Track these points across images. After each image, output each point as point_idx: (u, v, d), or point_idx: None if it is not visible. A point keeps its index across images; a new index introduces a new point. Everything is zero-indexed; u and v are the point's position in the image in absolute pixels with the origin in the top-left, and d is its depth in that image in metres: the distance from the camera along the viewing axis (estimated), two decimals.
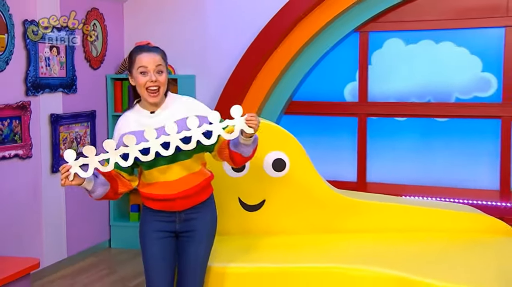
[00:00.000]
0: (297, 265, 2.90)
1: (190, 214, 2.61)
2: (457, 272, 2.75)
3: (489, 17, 4.34)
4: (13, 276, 3.40)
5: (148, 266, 2.62)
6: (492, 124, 4.43)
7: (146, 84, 2.47)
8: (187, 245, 2.64)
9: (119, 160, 2.39)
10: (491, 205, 4.31)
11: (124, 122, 2.58)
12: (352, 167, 4.83)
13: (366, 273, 2.80)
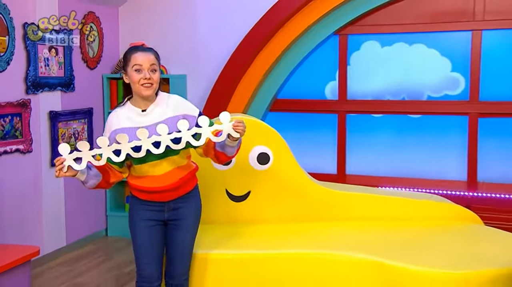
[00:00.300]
0: (278, 251, 2.91)
1: (177, 203, 2.62)
2: (427, 256, 2.78)
3: (458, 21, 4.36)
4: (14, 262, 3.43)
5: (139, 253, 2.61)
6: (460, 120, 4.46)
7: (140, 81, 2.49)
8: (175, 232, 2.65)
9: (111, 156, 2.41)
10: (459, 195, 4.35)
11: (115, 118, 2.56)
12: (333, 160, 4.84)
13: (343, 258, 2.82)
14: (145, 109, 2.55)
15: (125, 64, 2.55)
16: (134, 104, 2.57)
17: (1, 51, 3.98)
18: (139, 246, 2.61)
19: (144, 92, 2.50)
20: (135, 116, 2.54)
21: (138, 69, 2.49)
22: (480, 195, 4.36)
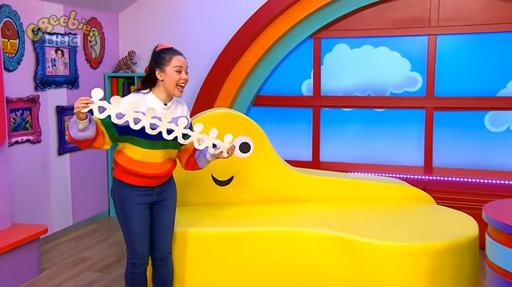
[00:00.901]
0: (254, 228, 2.90)
1: (163, 187, 2.61)
2: (386, 231, 2.78)
3: (416, 27, 4.41)
4: (25, 239, 3.49)
5: (134, 234, 2.54)
6: (418, 114, 4.51)
7: (180, 81, 2.48)
8: (161, 212, 2.63)
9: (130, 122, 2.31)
10: (417, 178, 4.40)
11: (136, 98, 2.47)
12: (308, 149, 4.86)
13: (313, 234, 2.80)
14: (167, 104, 2.53)
15: (162, 63, 2.47)
16: (158, 96, 2.51)
17: (12, 53, 3.98)
18: (132, 226, 2.54)
19: (179, 94, 2.50)
20: (159, 108, 2.47)
21: (179, 70, 2.48)
22: (435, 178, 4.42)
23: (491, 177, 4.28)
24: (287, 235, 2.84)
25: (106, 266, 3.77)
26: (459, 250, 2.65)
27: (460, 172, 4.40)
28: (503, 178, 4.25)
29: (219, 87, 4.76)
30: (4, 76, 3.86)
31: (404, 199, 3.45)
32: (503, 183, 4.20)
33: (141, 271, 2.60)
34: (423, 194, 3.49)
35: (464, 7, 4.28)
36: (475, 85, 4.35)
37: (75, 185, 4.65)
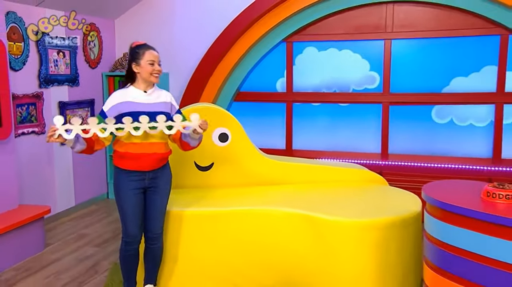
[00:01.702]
0: (234, 208, 2.89)
1: (155, 173, 2.58)
2: (343, 209, 2.80)
3: (374, 32, 4.44)
4: (31, 218, 3.51)
5: (127, 216, 2.54)
6: (376, 107, 4.56)
7: (153, 72, 2.50)
8: (153, 196, 2.60)
9: (98, 132, 2.36)
10: (374, 163, 4.45)
11: (119, 94, 2.52)
12: (282, 139, 4.89)
13: (282, 212, 2.81)
14: (146, 91, 2.54)
15: (137, 57, 2.49)
16: (137, 87, 2.54)
17: (18, 54, 3.95)
18: (127, 210, 2.54)
19: (155, 80, 2.53)
20: (140, 95, 2.52)
21: (152, 63, 2.50)
22: (390, 163, 4.47)
23: (437, 162, 4.37)
24: (260, 214, 2.84)
25: (104, 242, 3.79)
26: (404, 225, 2.70)
27: (411, 157, 4.48)
28: (446, 162, 4.34)
29: (204, 84, 4.76)
30: (11, 75, 3.83)
31: (362, 181, 3.47)
32: (446, 167, 4.29)
33: (133, 249, 2.61)
34: (378, 177, 3.51)
35: (414, 16, 4.34)
36: (424, 83, 4.41)
37: (76, 171, 4.64)
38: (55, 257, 3.50)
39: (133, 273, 2.68)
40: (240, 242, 2.87)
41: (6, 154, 3.57)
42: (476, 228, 1.98)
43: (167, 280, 2.89)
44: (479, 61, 4.24)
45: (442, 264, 2.12)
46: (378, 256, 2.65)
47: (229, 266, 2.89)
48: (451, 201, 2.08)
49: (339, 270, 2.69)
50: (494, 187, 2.09)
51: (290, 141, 4.86)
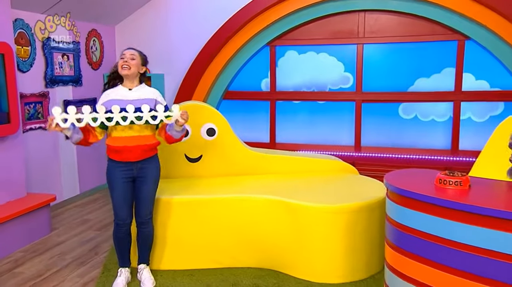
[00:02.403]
0: (219, 196, 2.88)
1: (143, 164, 2.55)
2: (317, 196, 2.81)
3: (348, 38, 4.45)
4: (38, 205, 3.49)
5: (116, 201, 2.55)
6: (350, 105, 4.57)
7: (121, 63, 2.48)
8: (141, 185, 2.58)
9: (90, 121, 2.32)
10: (348, 155, 4.48)
11: (111, 92, 2.51)
12: (266, 133, 4.89)
13: (262, 199, 2.82)
14: (131, 89, 2.53)
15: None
16: (124, 85, 2.54)
17: (25, 57, 3.90)
18: (116, 196, 2.54)
19: (122, 71, 2.48)
20: (125, 92, 2.51)
21: (122, 57, 2.51)
22: (362, 155, 4.50)
23: (403, 153, 4.40)
24: (244, 200, 2.85)
25: (104, 226, 3.78)
26: (370, 209, 2.73)
27: (381, 149, 4.51)
28: (412, 153, 4.38)
29: (196, 84, 4.74)
30: (19, 76, 3.80)
31: (336, 171, 3.50)
32: (411, 157, 4.33)
33: (124, 231, 2.60)
34: (349, 167, 3.54)
35: (383, 23, 4.35)
36: (392, 83, 4.43)
37: (80, 162, 4.61)
38: (60, 240, 3.49)
39: (126, 253, 2.68)
40: (224, 225, 2.87)
41: (15, 147, 3.55)
42: (429, 211, 2.00)
43: (158, 260, 2.90)
44: (440, 63, 4.27)
45: (400, 243, 2.14)
46: (347, 237, 2.69)
47: (214, 246, 2.90)
48: (408, 187, 2.10)
49: (313, 250, 2.73)
50: (446, 175, 2.11)
51: (274, 135, 4.87)
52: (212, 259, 2.91)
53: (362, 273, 2.77)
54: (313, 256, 2.73)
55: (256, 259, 2.91)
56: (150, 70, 5.02)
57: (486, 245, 1.82)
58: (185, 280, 2.76)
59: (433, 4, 4.04)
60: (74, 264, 3.03)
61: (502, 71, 4.10)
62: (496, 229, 1.80)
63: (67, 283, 2.77)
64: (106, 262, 3.03)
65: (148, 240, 2.70)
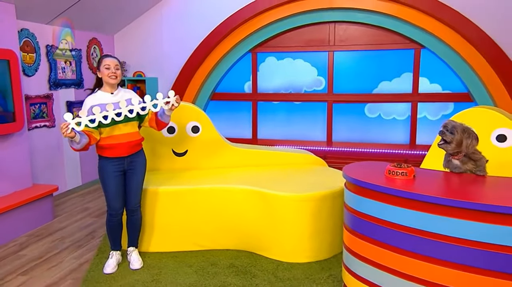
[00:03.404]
0: (202, 186, 2.86)
1: (132, 158, 2.54)
2: (287, 186, 2.79)
3: (320, 45, 4.44)
4: (41, 194, 3.46)
5: (109, 193, 2.51)
6: (322, 105, 4.57)
7: (109, 74, 2.43)
8: (131, 177, 2.56)
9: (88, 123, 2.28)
10: (321, 149, 4.48)
11: (93, 99, 2.45)
12: (249, 130, 4.88)
13: (240, 189, 2.80)
14: (113, 93, 2.48)
15: (98, 65, 2.46)
16: (104, 91, 2.48)
17: (31, 63, 3.84)
18: (110, 189, 2.50)
19: (111, 81, 2.44)
20: (107, 97, 2.45)
21: (108, 67, 2.44)
22: (333, 149, 4.51)
23: (369, 147, 4.42)
24: (223, 190, 2.84)
25: (102, 213, 3.74)
26: (333, 197, 2.73)
27: (349, 144, 4.53)
28: (376, 147, 4.40)
29: (186, 86, 4.71)
30: (25, 79, 3.74)
31: (307, 163, 3.49)
32: (376, 151, 4.35)
33: (117, 220, 2.59)
34: (319, 160, 3.53)
35: (351, 33, 4.35)
36: (359, 85, 4.44)
37: (82, 156, 4.56)
38: (62, 225, 3.45)
39: (117, 238, 2.66)
40: (205, 212, 2.86)
41: (20, 143, 3.50)
42: (379, 199, 2.01)
43: (147, 244, 2.89)
44: (399, 69, 4.29)
45: (356, 227, 2.14)
46: (313, 221, 2.70)
47: (197, 231, 2.89)
48: (362, 178, 2.10)
49: (283, 233, 2.73)
50: (394, 166, 2.11)
51: (256, 132, 4.86)
52: (195, 242, 2.90)
53: (326, 253, 2.77)
54: (283, 238, 2.73)
55: (234, 242, 2.90)
56: (145, 74, 4.98)
57: (427, 228, 1.83)
58: (170, 261, 2.75)
59: (394, 17, 4.05)
60: (72, 247, 3.01)
61: (452, 76, 4.13)
62: (433, 213, 1.81)
63: (65, 264, 2.74)
64: (101, 245, 3.00)
65: (137, 226, 2.68)
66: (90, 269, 2.63)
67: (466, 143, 2.00)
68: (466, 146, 2.01)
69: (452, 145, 2.03)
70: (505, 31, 3.77)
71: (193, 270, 2.61)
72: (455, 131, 2.01)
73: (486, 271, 1.67)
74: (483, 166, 2.06)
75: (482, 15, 3.80)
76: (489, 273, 1.66)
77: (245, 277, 2.51)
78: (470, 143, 2.01)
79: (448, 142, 2.04)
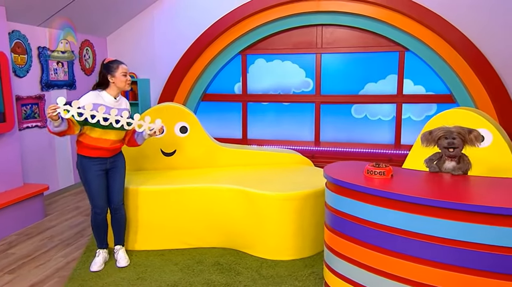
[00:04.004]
0: (188, 185, 2.83)
1: (114, 158, 2.54)
2: (272, 185, 2.76)
3: (308, 48, 4.43)
4: (31, 194, 3.42)
5: (93, 192, 2.49)
6: (310, 106, 4.56)
7: (127, 81, 2.44)
8: (115, 175, 2.56)
9: (88, 117, 2.27)
10: (309, 149, 4.47)
11: (97, 97, 2.40)
12: (239, 130, 4.85)
13: (225, 188, 2.78)
14: (116, 98, 2.46)
15: (113, 69, 2.40)
16: (110, 93, 2.44)
17: (22, 64, 3.79)
18: (94, 187, 2.48)
19: (128, 87, 2.46)
20: (111, 101, 2.43)
21: (125, 74, 2.43)
22: (320, 149, 4.49)
23: (355, 147, 4.41)
24: (209, 190, 2.82)
25: None
26: (316, 196, 2.71)
27: (336, 144, 4.51)
28: (362, 147, 4.40)
29: (177, 87, 4.68)
30: (16, 80, 3.70)
31: (293, 163, 3.46)
32: (362, 151, 4.34)
33: (102, 218, 2.56)
34: (306, 159, 3.50)
35: (338, 36, 4.34)
36: (345, 87, 4.42)
37: (75, 155, 4.47)
38: (52, 224, 3.41)
39: (103, 236, 2.63)
40: (191, 211, 2.84)
41: (11, 143, 3.46)
42: (358, 198, 1.99)
43: (133, 242, 2.86)
44: (385, 70, 4.28)
45: (336, 226, 2.13)
46: (296, 220, 2.69)
47: (183, 230, 2.86)
48: (341, 177, 2.08)
49: (267, 231, 2.71)
50: (372, 166, 2.09)
51: (245, 132, 4.84)
52: (181, 240, 2.88)
53: (309, 251, 2.76)
54: (268, 236, 2.71)
55: (220, 240, 2.88)
56: (137, 75, 4.94)
57: (403, 226, 1.82)
58: (156, 259, 2.72)
59: (379, 20, 4.04)
60: (61, 246, 2.97)
61: (435, 78, 4.13)
62: (410, 212, 1.80)
63: (52, 262, 2.71)
64: (89, 244, 2.97)
65: (121, 223, 2.66)
66: (76, 267, 2.60)
67: (473, 136, 1.99)
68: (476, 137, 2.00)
69: (461, 147, 2.01)
70: (485, 36, 3.78)
71: (179, 268, 2.58)
72: (456, 135, 2.00)
73: (461, 269, 1.66)
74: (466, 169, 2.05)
75: (464, 20, 3.81)
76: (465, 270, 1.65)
77: (229, 275, 2.49)
78: (476, 135, 1.99)
79: (457, 147, 2.01)
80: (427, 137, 2.08)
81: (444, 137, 2.02)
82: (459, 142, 2.00)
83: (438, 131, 2.04)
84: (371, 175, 2.08)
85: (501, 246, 1.57)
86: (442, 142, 2.02)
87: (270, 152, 3.49)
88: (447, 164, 2.06)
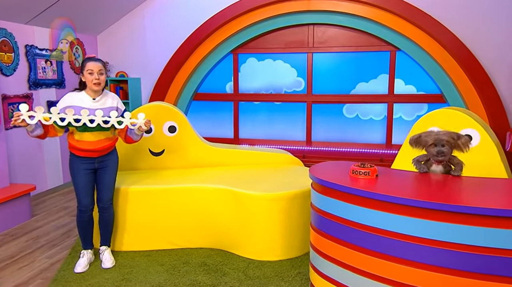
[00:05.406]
0: (175, 185, 2.80)
1: (103, 158, 2.51)
2: (260, 185, 2.75)
3: (300, 47, 4.41)
4: (18, 194, 3.39)
5: (79, 190, 2.47)
6: (302, 105, 4.55)
7: (93, 81, 2.35)
8: (103, 175, 2.53)
9: (57, 120, 2.25)
10: (300, 149, 4.46)
11: (73, 98, 2.37)
12: (231, 130, 4.83)
13: (214, 188, 2.77)
14: (95, 98, 2.41)
15: (82, 68, 2.38)
16: (88, 94, 2.40)
17: (9, 62, 3.75)
18: (79, 186, 2.46)
19: (95, 87, 2.36)
20: (88, 102, 2.38)
21: (91, 72, 2.34)
22: (312, 149, 4.48)
23: (346, 147, 4.40)
24: (196, 190, 2.79)
25: None
26: (303, 196, 2.71)
27: (328, 144, 4.51)
28: (353, 147, 4.39)
29: (168, 86, 4.65)
30: (2, 79, 3.65)
31: (283, 163, 3.45)
32: (353, 151, 4.34)
33: (87, 216, 2.54)
34: (296, 159, 3.49)
35: (329, 35, 4.33)
36: (337, 86, 4.41)
37: (64, 155, 4.46)
38: (38, 225, 3.38)
39: (88, 236, 2.61)
40: (178, 211, 2.82)
41: None
42: (342, 198, 1.98)
43: (119, 243, 2.84)
44: (376, 70, 4.28)
45: (321, 227, 2.12)
46: (283, 220, 2.67)
47: (170, 230, 2.84)
48: (326, 178, 2.07)
49: (255, 232, 2.70)
50: (358, 166, 2.08)
51: (237, 131, 4.82)
52: (168, 241, 2.86)
53: (297, 251, 2.75)
54: (255, 237, 2.70)
55: (207, 240, 2.86)
56: (128, 74, 4.91)
57: (388, 227, 1.81)
58: (143, 260, 2.70)
59: (371, 20, 4.04)
60: (46, 247, 2.94)
61: (426, 77, 4.14)
62: (394, 213, 1.79)
63: (37, 263, 2.68)
64: (75, 245, 2.94)
65: (109, 223, 2.64)
66: (61, 268, 2.58)
67: (461, 142, 1.99)
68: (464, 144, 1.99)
69: (449, 153, 2.00)
70: (475, 36, 3.79)
71: (165, 269, 2.57)
72: (445, 143, 1.99)
73: (445, 270, 1.65)
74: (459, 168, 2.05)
75: (454, 20, 3.82)
76: (450, 271, 1.64)
77: (215, 276, 2.48)
78: (464, 141, 1.99)
79: (446, 155, 2.01)
80: (416, 140, 2.07)
81: (433, 145, 2.01)
82: (448, 150, 1.99)
83: (427, 137, 2.03)
84: (356, 175, 2.07)
85: (487, 247, 1.57)
86: (431, 149, 2.02)
87: (260, 152, 3.48)
88: (434, 167, 2.06)
